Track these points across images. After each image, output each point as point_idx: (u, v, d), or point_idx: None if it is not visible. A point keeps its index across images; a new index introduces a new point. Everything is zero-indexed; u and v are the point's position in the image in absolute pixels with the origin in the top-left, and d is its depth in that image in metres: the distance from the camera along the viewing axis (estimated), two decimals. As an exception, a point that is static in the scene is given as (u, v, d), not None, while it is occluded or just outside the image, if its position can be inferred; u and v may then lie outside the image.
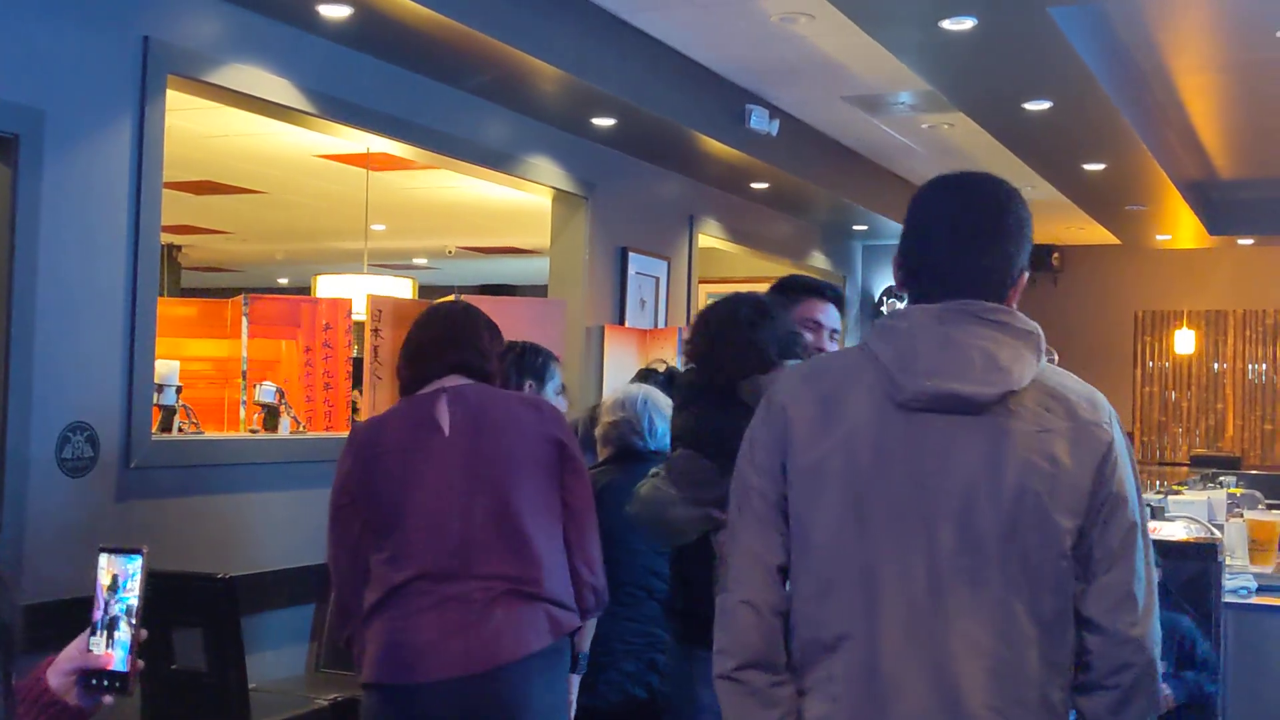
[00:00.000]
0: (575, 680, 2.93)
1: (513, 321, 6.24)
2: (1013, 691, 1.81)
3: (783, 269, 10.47)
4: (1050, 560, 1.83)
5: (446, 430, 2.78)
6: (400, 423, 2.89)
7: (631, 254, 7.50)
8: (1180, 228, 11.28)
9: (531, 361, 3.44)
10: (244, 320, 5.28)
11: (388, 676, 2.66)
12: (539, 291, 7.40)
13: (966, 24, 5.29)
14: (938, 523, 1.82)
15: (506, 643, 2.61)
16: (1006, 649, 1.81)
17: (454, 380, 2.89)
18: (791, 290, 3.18)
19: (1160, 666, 1.91)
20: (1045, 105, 6.74)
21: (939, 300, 1.90)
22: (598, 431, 4.00)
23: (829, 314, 3.15)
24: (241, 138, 7.61)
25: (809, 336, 3.00)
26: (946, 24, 5.30)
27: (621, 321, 7.46)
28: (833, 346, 3.12)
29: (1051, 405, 1.87)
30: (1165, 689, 3.83)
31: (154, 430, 4.42)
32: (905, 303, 1.97)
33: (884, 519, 1.84)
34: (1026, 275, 1.98)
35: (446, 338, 2.95)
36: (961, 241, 1.92)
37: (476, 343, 2.95)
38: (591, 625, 2.88)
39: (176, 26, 4.37)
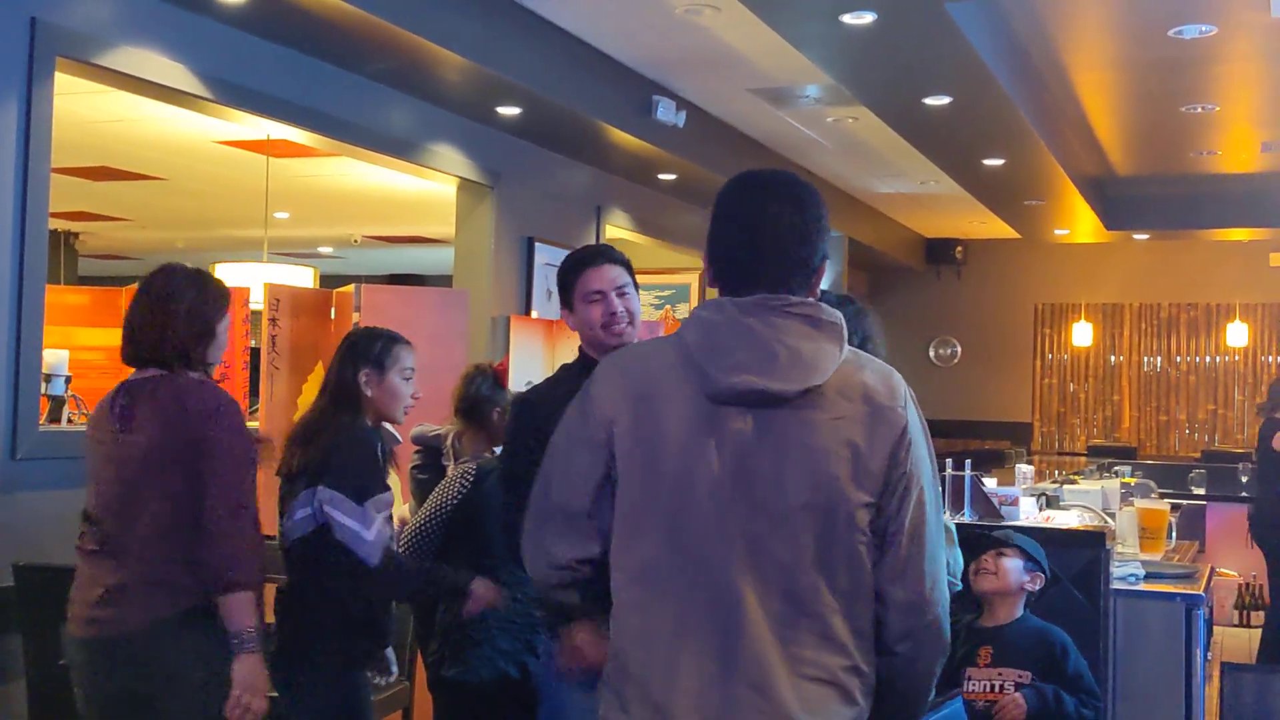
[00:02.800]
0: (242, 660, 2.93)
1: (418, 311, 6.22)
2: (823, 661, 1.93)
3: (690, 260, 10.51)
4: (846, 538, 1.95)
5: (117, 426, 3.01)
6: (100, 409, 3.12)
7: (538, 244, 7.47)
8: (1078, 223, 11.52)
9: (366, 348, 3.31)
10: (138, 309, 5.17)
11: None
12: (447, 281, 7.34)
13: (866, 18, 5.35)
14: (745, 513, 1.94)
15: (132, 613, 2.92)
16: (809, 620, 1.93)
17: (146, 371, 3.07)
18: (567, 273, 3.03)
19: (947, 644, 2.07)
20: (945, 100, 6.84)
21: (745, 293, 2.00)
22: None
23: (604, 275, 2.99)
24: (138, 123, 7.46)
25: (596, 310, 2.94)
26: (847, 18, 5.35)
27: (528, 312, 7.44)
28: (633, 303, 3.01)
29: (849, 392, 1.97)
30: (1018, 696, 3.63)
31: (42, 421, 4.32)
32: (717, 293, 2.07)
33: (698, 524, 1.95)
34: (827, 263, 2.10)
35: (142, 328, 3.08)
36: (766, 236, 2.03)
37: (165, 334, 3.04)
38: (241, 602, 2.92)
39: (66, 7, 4.27)
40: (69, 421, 4.60)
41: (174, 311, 3.04)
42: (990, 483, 5.26)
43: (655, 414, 1.98)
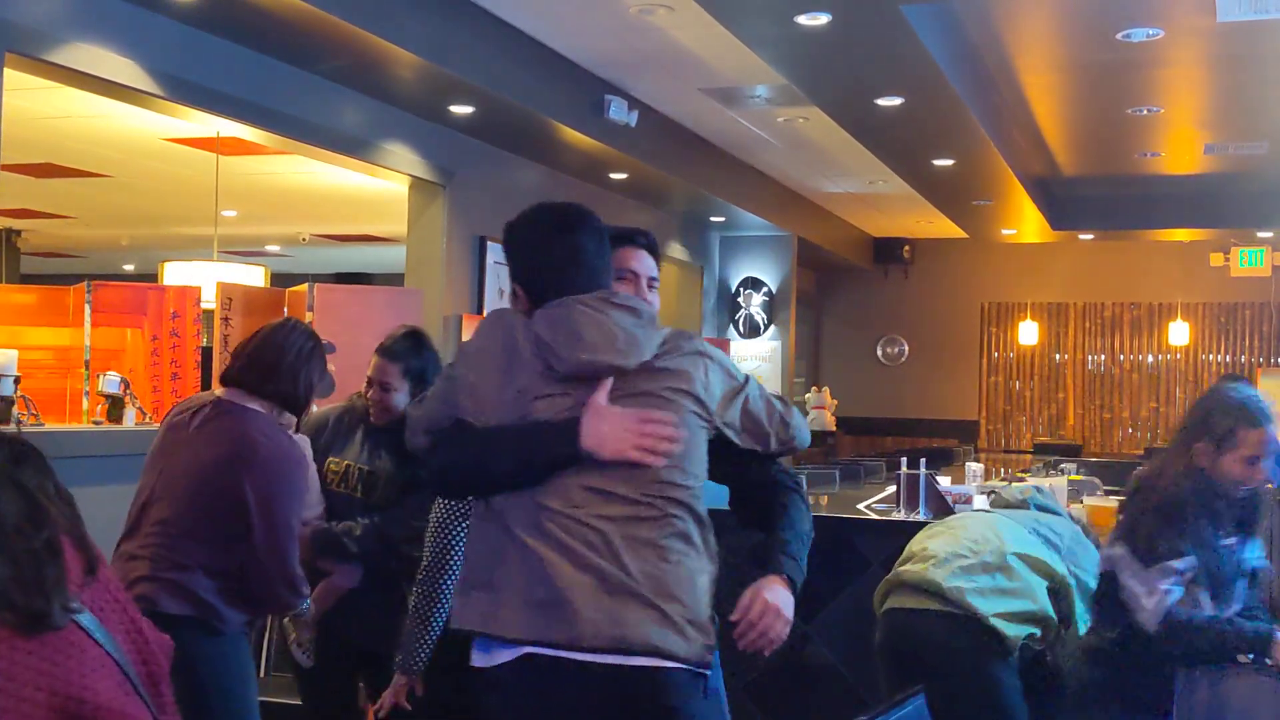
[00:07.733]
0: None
1: (371, 311, 6.18)
2: None
3: (641, 259, 10.51)
4: None
5: None
6: None
7: (490, 243, 7.45)
8: (1024, 223, 11.64)
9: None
10: (87, 308, 5.10)
11: None
12: (395, 280, 7.31)
13: (821, 20, 5.38)
14: None
15: None
16: None
17: None
18: None
19: None
20: (897, 101, 6.89)
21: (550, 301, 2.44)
22: None
23: (643, 261, 2.81)
24: (85, 119, 7.36)
25: (626, 288, 2.72)
26: (802, 19, 5.38)
27: (480, 311, 7.41)
28: (653, 297, 2.80)
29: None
30: None
31: (-10, 422, 4.25)
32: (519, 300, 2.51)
33: None
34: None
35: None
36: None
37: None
38: None
39: (16, 3, 4.21)
40: (18, 423, 4.52)
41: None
42: (944, 481, 5.31)
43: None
